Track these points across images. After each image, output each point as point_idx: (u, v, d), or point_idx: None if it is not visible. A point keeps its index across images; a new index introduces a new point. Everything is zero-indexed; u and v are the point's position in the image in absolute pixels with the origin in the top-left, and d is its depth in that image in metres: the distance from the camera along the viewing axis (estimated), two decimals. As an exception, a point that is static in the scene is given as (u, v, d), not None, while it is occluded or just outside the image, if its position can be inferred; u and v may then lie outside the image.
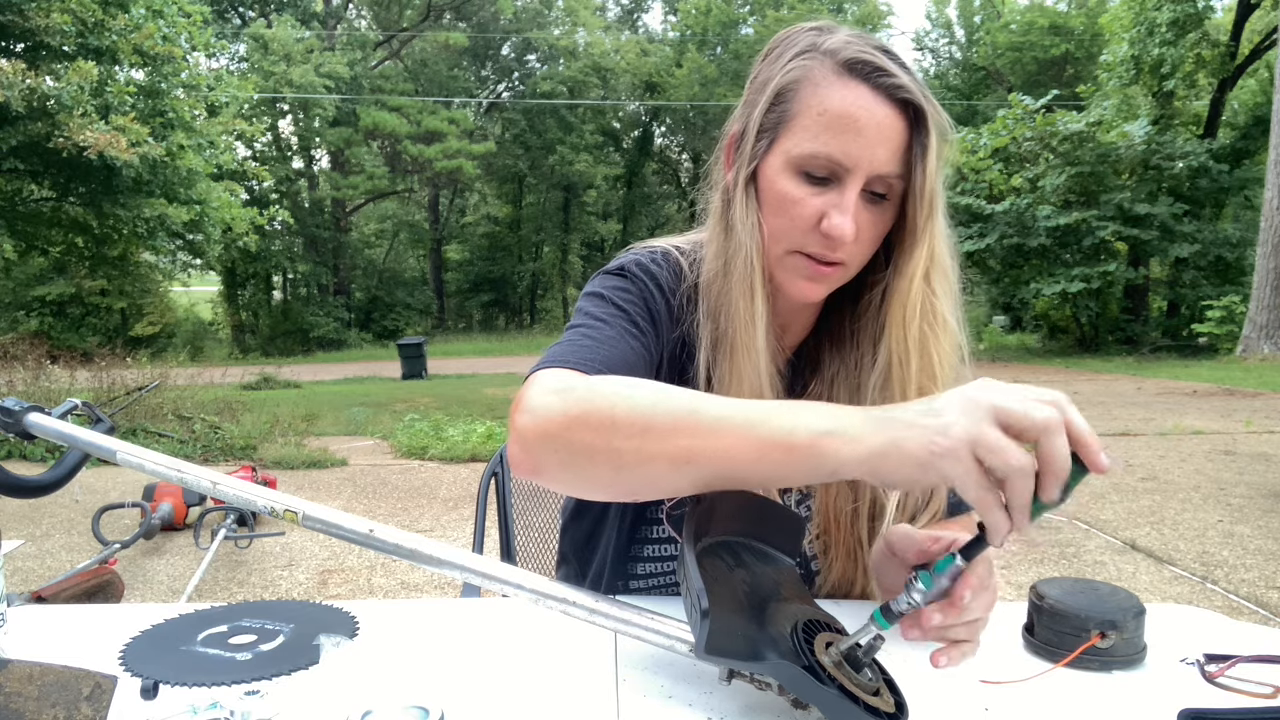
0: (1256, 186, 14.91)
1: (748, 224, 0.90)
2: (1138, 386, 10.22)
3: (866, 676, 0.66)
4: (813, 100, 0.84)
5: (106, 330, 20.02)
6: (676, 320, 0.95)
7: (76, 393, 7.00)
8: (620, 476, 0.72)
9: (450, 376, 14.02)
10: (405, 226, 29.05)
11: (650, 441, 0.70)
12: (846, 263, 0.88)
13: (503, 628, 0.88)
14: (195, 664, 0.78)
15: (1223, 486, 4.83)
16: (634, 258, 0.98)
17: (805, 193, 0.86)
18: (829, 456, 0.65)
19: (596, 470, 0.72)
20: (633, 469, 0.71)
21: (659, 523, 1.03)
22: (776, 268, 0.91)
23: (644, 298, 0.94)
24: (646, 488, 0.74)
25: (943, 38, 30.99)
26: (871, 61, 0.83)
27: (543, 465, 0.74)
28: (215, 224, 11.39)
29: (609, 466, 0.71)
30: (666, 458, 0.69)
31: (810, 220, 0.86)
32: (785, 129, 0.87)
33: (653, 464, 0.70)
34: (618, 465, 0.71)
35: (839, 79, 0.84)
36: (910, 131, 0.84)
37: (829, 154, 0.83)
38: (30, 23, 8.66)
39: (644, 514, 1.03)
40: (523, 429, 0.74)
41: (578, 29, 28.38)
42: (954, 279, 0.93)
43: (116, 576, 2.91)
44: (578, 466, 0.73)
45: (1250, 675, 0.74)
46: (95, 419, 1.05)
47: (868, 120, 0.82)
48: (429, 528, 4.36)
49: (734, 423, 0.68)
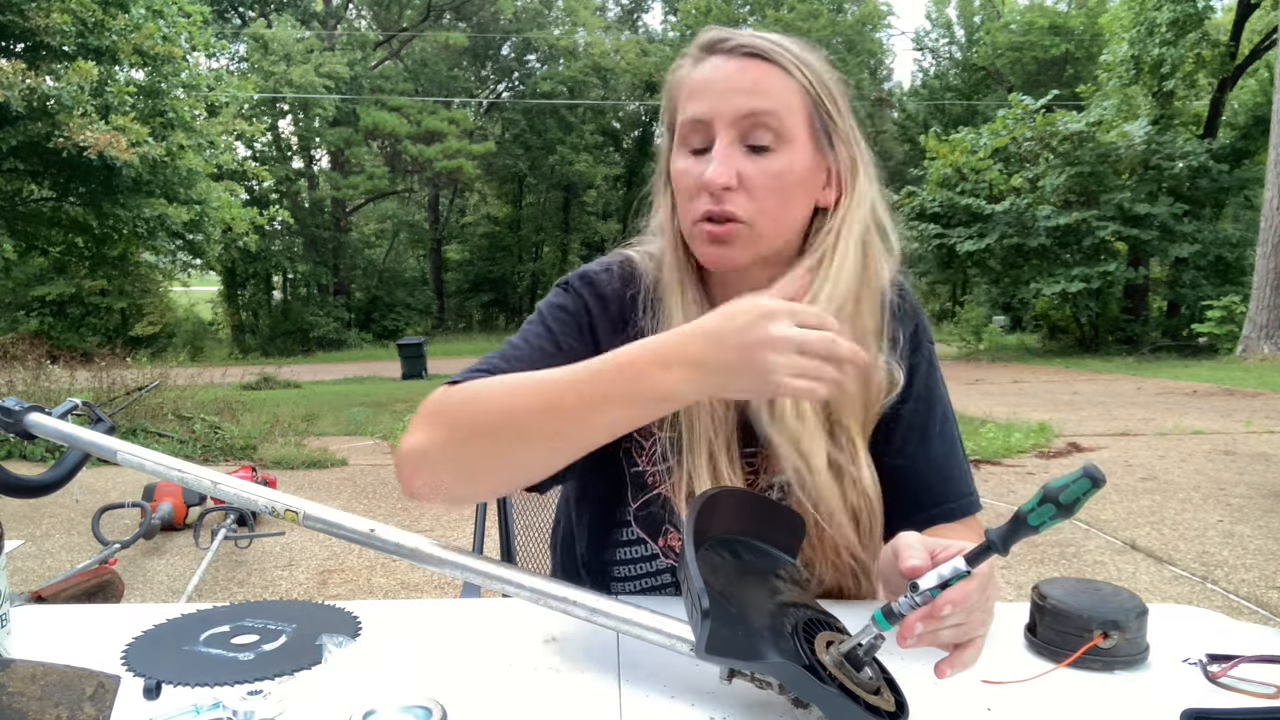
0: (1256, 186, 14.91)
1: (662, 220, 0.98)
2: (1138, 386, 10.22)
3: (867, 676, 0.66)
4: (683, 83, 0.93)
5: (106, 330, 20.02)
6: (625, 323, 0.98)
7: (76, 393, 7.00)
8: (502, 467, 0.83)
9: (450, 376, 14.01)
10: (405, 226, 29.04)
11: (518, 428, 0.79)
12: (743, 217, 0.88)
13: (503, 627, 0.88)
14: (198, 664, 0.78)
15: (1223, 486, 4.83)
16: (583, 269, 1.04)
17: (689, 163, 0.91)
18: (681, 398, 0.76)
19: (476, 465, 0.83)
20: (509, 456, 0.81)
21: (627, 524, 1.02)
22: (691, 246, 0.94)
23: (577, 314, 0.98)
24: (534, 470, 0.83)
25: (943, 38, 31.01)
26: (720, 37, 0.91)
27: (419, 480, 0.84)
28: (215, 224, 11.39)
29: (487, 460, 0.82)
30: (539, 439, 0.80)
31: (695, 184, 0.90)
32: (674, 119, 0.94)
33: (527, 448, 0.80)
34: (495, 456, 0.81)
35: (699, 59, 0.92)
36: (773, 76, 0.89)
37: (691, 115, 0.90)
38: (30, 23, 8.67)
39: (612, 516, 1.03)
40: (400, 454, 0.83)
41: (578, 29, 28.38)
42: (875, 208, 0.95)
43: (116, 576, 2.91)
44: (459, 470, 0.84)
45: (1253, 675, 0.74)
46: (95, 419, 1.05)
47: (716, 77, 0.89)
48: (429, 528, 4.36)
49: (586, 392, 0.77)
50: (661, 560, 1.01)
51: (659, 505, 0.99)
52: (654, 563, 1.02)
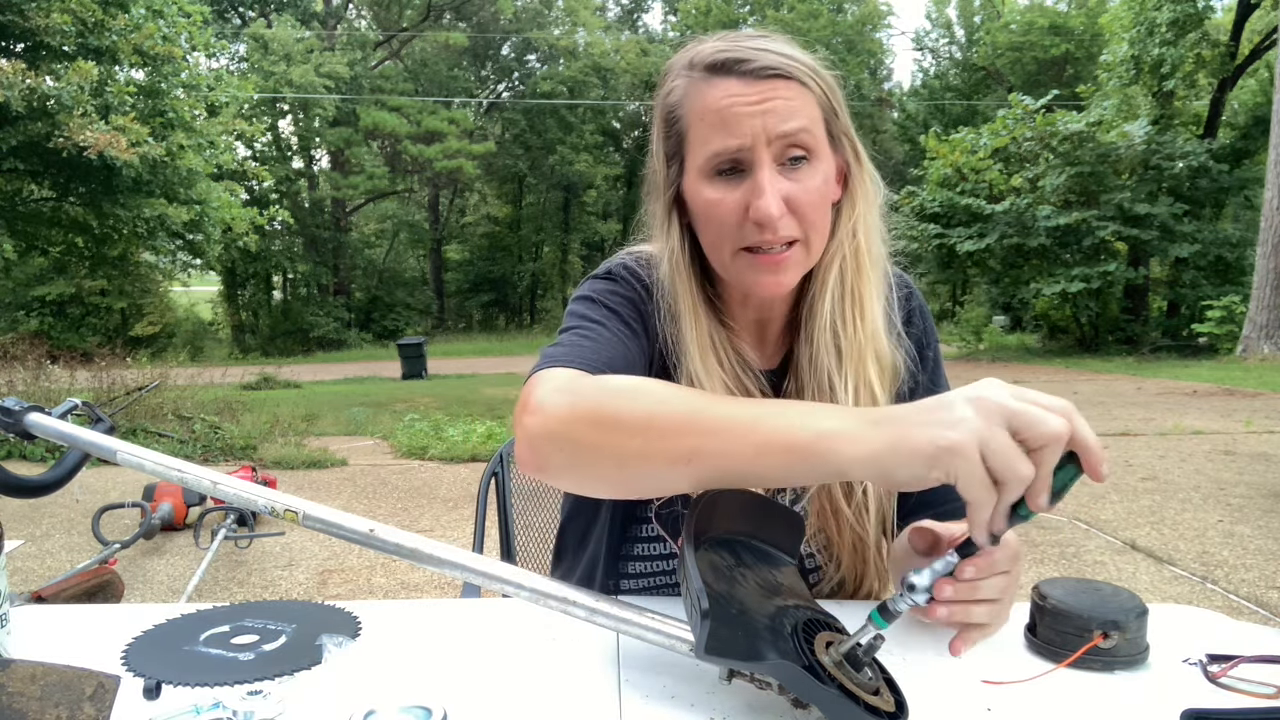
0: (1256, 186, 14.91)
1: (672, 251, 0.94)
2: (1138, 386, 10.22)
3: (866, 676, 0.66)
4: (695, 110, 0.89)
5: (106, 330, 20.03)
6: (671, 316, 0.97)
7: (76, 393, 6.99)
8: (623, 474, 0.73)
9: (450, 376, 14.03)
10: (405, 226, 29.05)
11: (653, 440, 0.70)
12: (799, 238, 0.88)
13: (503, 628, 0.88)
14: (198, 664, 0.78)
15: (1223, 486, 4.83)
16: (620, 261, 1.01)
17: (722, 192, 0.88)
18: (831, 456, 0.65)
19: (600, 468, 0.73)
20: (635, 467, 0.72)
21: (648, 521, 1.03)
22: (731, 273, 0.92)
23: (632, 300, 0.97)
24: (649, 486, 0.75)
25: (943, 38, 31.01)
26: (731, 55, 0.87)
27: (549, 463, 0.75)
28: (215, 224, 11.40)
29: (612, 464, 0.72)
30: (667, 457, 0.70)
31: (736, 214, 0.87)
32: (686, 146, 0.90)
33: (654, 462, 0.71)
34: (620, 463, 0.72)
35: (709, 82, 0.88)
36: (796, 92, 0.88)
37: (724, 147, 0.86)
38: (30, 23, 8.67)
39: (633, 513, 1.03)
40: (530, 428, 0.75)
41: (578, 29, 28.40)
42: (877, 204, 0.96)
43: (116, 576, 2.92)
44: (582, 464, 0.74)
45: (1253, 675, 0.74)
46: (95, 419, 1.05)
47: (743, 104, 0.85)
48: (429, 528, 4.36)
49: (735, 422, 0.69)
50: (678, 560, 1.02)
51: (682, 505, 1.00)
52: (670, 561, 1.04)
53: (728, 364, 0.96)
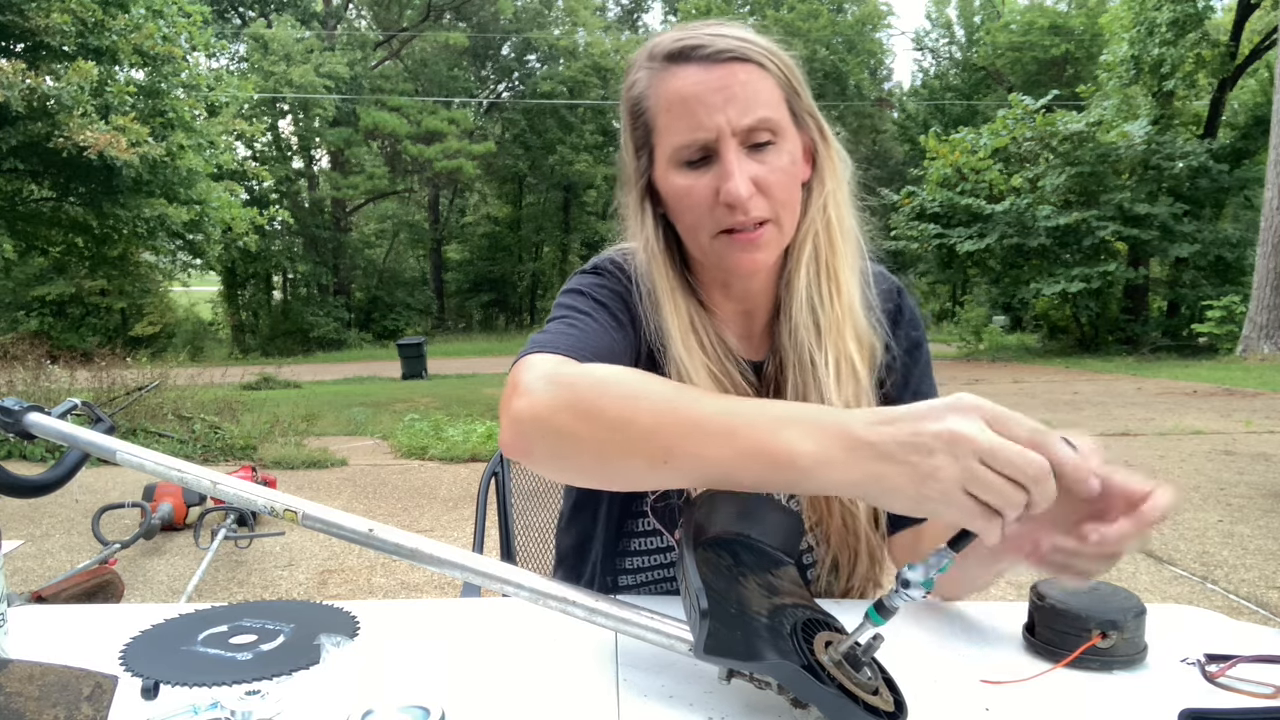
0: (1256, 186, 14.91)
1: (647, 240, 0.96)
2: (1138, 386, 10.22)
3: (866, 675, 0.66)
4: (659, 100, 0.90)
5: (106, 330, 20.04)
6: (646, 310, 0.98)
7: (76, 393, 7.00)
8: (605, 469, 0.73)
9: (450, 376, 14.03)
10: (405, 226, 29.06)
11: (632, 436, 0.69)
12: (770, 218, 0.90)
13: (503, 628, 0.88)
14: (196, 664, 0.78)
15: (1223, 486, 4.83)
16: (608, 256, 1.02)
17: (692, 179, 0.89)
18: (811, 478, 0.64)
19: (581, 459, 0.73)
20: (616, 462, 0.71)
21: (644, 515, 1.04)
22: (711, 257, 0.93)
23: (619, 293, 0.97)
24: (631, 480, 0.74)
25: (943, 38, 31.03)
26: (688, 43, 0.88)
27: (532, 448, 0.75)
28: (215, 224, 11.41)
29: (593, 457, 0.72)
30: (647, 454, 0.69)
31: (708, 199, 0.89)
32: (654, 137, 0.92)
33: (634, 459, 0.70)
34: (601, 457, 0.71)
35: (669, 71, 0.89)
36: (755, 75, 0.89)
37: (691, 137, 0.87)
38: (30, 23, 8.68)
39: (629, 507, 1.04)
40: (516, 411, 0.75)
41: (578, 29, 28.40)
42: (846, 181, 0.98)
43: (116, 576, 2.91)
44: (564, 453, 0.73)
45: (1251, 675, 0.74)
46: (95, 419, 1.05)
47: (704, 90, 0.86)
48: (429, 528, 4.36)
49: (714, 427, 0.67)
50: (676, 553, 1.02)
51: (677, 497, 1.01)
52: (668, 555, 1.04)
53: (710, 348, 0.96)
